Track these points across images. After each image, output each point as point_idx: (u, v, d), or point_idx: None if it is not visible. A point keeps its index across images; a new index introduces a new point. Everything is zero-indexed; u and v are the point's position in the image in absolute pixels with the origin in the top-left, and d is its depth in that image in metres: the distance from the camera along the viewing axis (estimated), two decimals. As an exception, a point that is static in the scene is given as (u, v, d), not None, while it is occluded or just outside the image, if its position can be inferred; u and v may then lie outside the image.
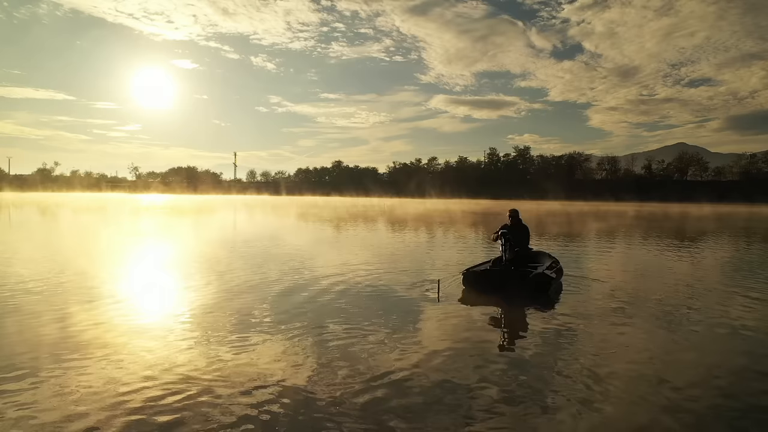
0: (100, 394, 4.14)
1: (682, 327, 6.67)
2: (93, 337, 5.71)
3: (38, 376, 4.51)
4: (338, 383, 4.47)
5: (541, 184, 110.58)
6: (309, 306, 7.43)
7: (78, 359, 4.96)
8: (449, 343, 5.70)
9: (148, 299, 7.96)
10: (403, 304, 7.67)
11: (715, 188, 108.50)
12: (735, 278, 11.00)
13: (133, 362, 4.92)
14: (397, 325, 6.41)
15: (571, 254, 14.32)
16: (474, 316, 7.10)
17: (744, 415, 4.05)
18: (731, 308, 7.77)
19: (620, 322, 6.81)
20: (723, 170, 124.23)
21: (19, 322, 6.32)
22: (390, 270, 10.92)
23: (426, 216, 38.11)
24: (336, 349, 5.40)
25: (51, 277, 9.31)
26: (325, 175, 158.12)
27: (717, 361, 5.39)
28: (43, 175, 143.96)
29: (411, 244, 17.34)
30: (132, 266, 11.56)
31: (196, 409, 3.93)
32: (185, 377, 4.55)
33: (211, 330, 6.06)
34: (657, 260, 14.11)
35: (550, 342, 5.86)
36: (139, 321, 6.49)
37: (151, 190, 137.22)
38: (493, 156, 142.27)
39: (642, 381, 4.68)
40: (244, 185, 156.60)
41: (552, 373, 4.83)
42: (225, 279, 9.59)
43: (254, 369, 4.78)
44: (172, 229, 23.81)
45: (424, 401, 4.14)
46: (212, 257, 12.88)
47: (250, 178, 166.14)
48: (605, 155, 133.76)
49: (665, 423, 3.86)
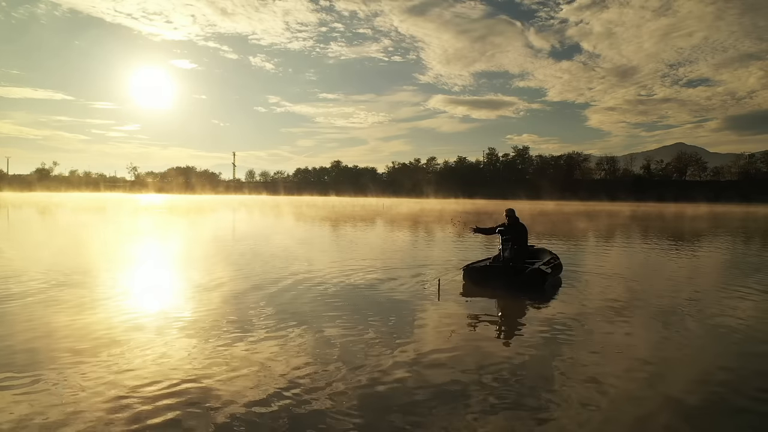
0: (99, 394, 4.15)
1: (680, 325, 6.69)
2: (91, 337, 5.72)
3: (38, 375, 4.52)
4: (338, 382, 4.48)
5: (540, 184, 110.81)
6: (309, 305, 7.43)
7: (76, 358, 4.97)
8: (449, 342, 5.71)
9: (148, 298, 7.95)
10: (404, 303, 7.68)
11: (713, 188, 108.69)
12: (732, 276, 11.04)
13: (132, 361, 4.93)
14: (397, 324, 6.42)
15: (572, 252, 14.34)
16: (473, 315, 7.11)
17: (742, 415, 4.07)
18: (728, 306, 7.80)
19: (619, 319, 6.83)
20: (722, 170, 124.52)
21: (19, 321, 6.33)
22: (389, 268, 10.92)
23: (424, 216, 38.13)
24: (336, 348, 5.40)
25: (49, 277, 9.31)
26: (324, 175, 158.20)
27: (714, 359, 5.41)
28: (41, 175, 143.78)
29: (410, 243, 17.35)
30: (131, 265, 11.55)
31: (196, 408, 3.94)
32: (184, 376, 4.56)
33: (210, 329, 6.07)
34: (655, 258, 14.13)
35: (549, 340, 5.87)
36: (138, 320, 6.49)
37: (149, 190, 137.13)
38: (492, 156, 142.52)
39: (640, 380, 4.69)
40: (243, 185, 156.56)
41: (550, 371, 4.85)
42: (223, 278, 9.58)
43: (254, 368, 4.79)
44: (170, 229, 23.79)
45: (423, 400, 4.15)
46: (210, 256, 12.88)
47: (249, 178, 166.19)
48: (604, 155, 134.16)
49: (663, 422, 3.89)
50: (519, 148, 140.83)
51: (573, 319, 6.87)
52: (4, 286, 8.45)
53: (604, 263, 12.73)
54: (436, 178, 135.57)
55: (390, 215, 38.47)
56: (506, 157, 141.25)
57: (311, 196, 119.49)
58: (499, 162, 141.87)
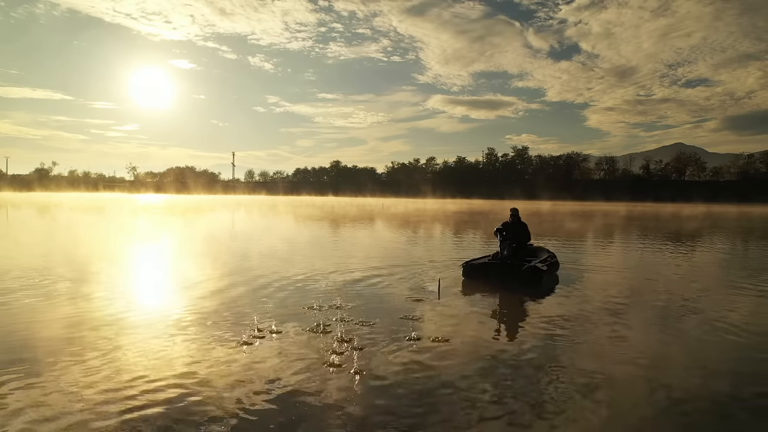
0: (98, 392, 4.16)
1: (677, 324, 6.71)
2: (91, 335, 5.73)
3: (37, 372, 4.53)
4: (338, 381, 4.49)
5: (540, 184, 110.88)
6: (308, 304, 7.43)
7: (76, 356, 4.98)
8: (449, 342, 5.72)
9: (149, 296, 7.97)
10: (404, 302, 7.68)
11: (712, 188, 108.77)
12: (730, 275, 11.05)
13: (131, 359, 4.94)
14: (398, 323, 6.43)
15: (570, 250, 14.35)
16: (473, 314, 7.13)
17: (741, 417, 4.07)
18: (726, 305, 7.82)
19: (617, 318, 6.86)
20: (721, 170, 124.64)
21: (20, 318, 6.34)
22: (389, 267, 10.92)
23: (424, 215, 38.15)
24: (336, 348, 5.41)
25: (46, 275, 9.32)
26: (323, 175, 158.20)
27: (713, 360, 5.43)
28: (40, 175, 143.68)
29: (410, 243, 17.36)
30: (132, 263, 11.57)
31: (196, 407, 3.95)
32: (184, 376, 4.57)
33: (211, 328, 6.08)
34: (652, 257, 14.14)
35: (548, 340, 5.88)
36: (137, 318, 6.51)
37: (148, 190, 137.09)
38: (491, 156, 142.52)
39: (638, 381, 4.71)
40: (243, 185, 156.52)
41: (549, 373, 4.85)
42: (225, 277, 9.59)
43: (255, 367, 4.80)
44: (169, 228, 23.80)
45: (422, 400, 4.16)
46: (211, 255, 12.89)
47: (248, 178, 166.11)
48: (603, 155, 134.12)
49: (661, 424, 3.90)
50: (518, 148, 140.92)
51: (572, 319, 6.89)
52: (6, 282, 8.47)
53: (602, 261, 12.75)
54: (435, 178, 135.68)
55: (388, 215, 38.48)
56: (505, 157, 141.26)
57: (310, 196, 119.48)
58: (498, 162, 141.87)
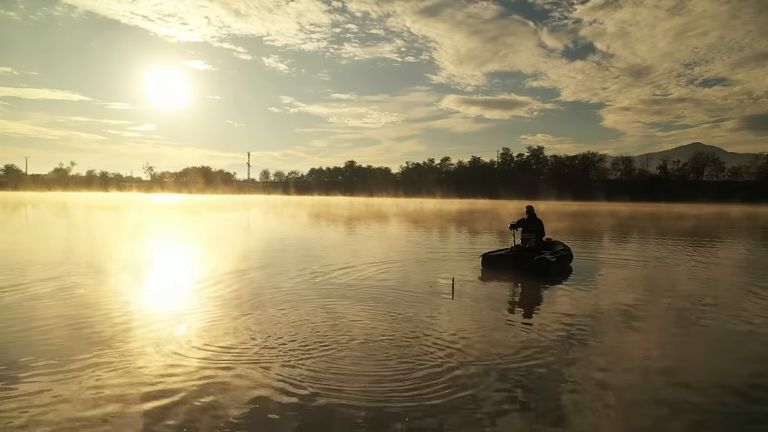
0: (110, 390, 4.30)
1: (694, 324, 6.71)
2: (99, 334, 5.90)
3: (43, 373, 4.68)
4: (348, 381, 4.60)
5: (555, 184, 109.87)
6: (323, 303, 7.56)
7: (83, 356, 5.15)
8: (461, 341, 5.81)
9: (164, 296, 8.16)
10: (418, 302, 7.78)
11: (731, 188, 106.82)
12: (748, 276, 10.94)
13: (140, 360, 5.09)
14: (411, 323, 6.54)
15: (587, 248, 14.30)
16: (487, 313, 7.20)
17: (756, 419, 4.09)
18: (743, 306, 7.79)
19: (630, 314, 6.89)
20: (740, 170, 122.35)
21: (29, 317, 6.54)
22: (405, 267, 11.02)
23: (440, 215, 38.07)
24: (349, 348, 5.52)
25: (60, 273, 9.56)
26: (338, 175, 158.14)
27: (729, 360, 5.45)
28: (59, 175, 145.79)
29: (426, 241, 17.39)
30: (148, 262, 11.79)
31: (206, 407, 4.07)
32: (193, 374, 4.70)
33: (226, 325, 6.23)
34: (670, 255, 14.01)
35: (561, 338, 5.95)
36: (150, 318, 6.68)
37: (165, 190, 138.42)
38: (506, 156, 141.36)
39: (652, 380, 4.75)
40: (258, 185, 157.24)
41: (563, 372, 4.92)
42: (242, 274, 9.77)
43: (269, 366, 4.92)
44: (187, 226, 24.08)
45: (434, 401, 4.24)
46: (228, 253, 13.08)
47: (263, 177, 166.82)
48: (619, 155, 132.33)
49: (676, 426, 3.94)
50: (533, 148, 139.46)
51: (586, 319, 6.95)
52: (18, 276, 8.71)
53: (620, 257, 12.69)
54: (449, 178, 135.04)
55: (405, 214, 38.48)
56: (521, 157, 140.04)
57: (325, 196, 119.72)
58: (513, 162, 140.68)
